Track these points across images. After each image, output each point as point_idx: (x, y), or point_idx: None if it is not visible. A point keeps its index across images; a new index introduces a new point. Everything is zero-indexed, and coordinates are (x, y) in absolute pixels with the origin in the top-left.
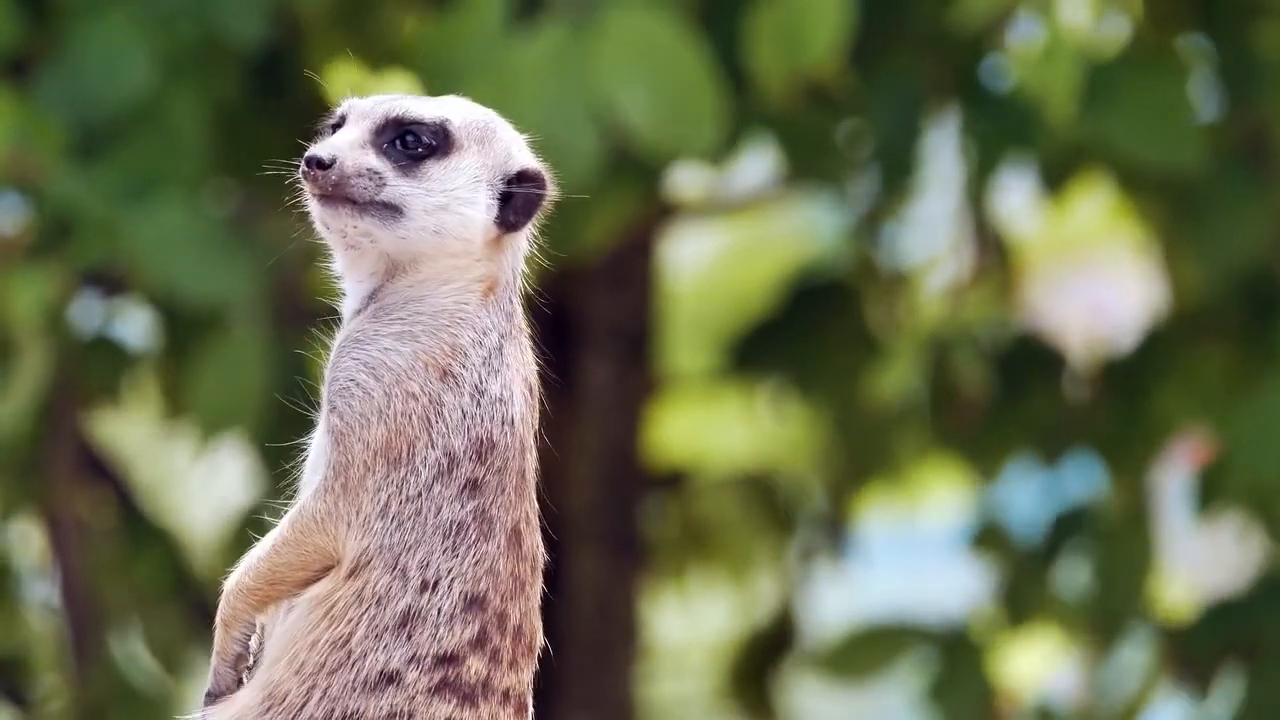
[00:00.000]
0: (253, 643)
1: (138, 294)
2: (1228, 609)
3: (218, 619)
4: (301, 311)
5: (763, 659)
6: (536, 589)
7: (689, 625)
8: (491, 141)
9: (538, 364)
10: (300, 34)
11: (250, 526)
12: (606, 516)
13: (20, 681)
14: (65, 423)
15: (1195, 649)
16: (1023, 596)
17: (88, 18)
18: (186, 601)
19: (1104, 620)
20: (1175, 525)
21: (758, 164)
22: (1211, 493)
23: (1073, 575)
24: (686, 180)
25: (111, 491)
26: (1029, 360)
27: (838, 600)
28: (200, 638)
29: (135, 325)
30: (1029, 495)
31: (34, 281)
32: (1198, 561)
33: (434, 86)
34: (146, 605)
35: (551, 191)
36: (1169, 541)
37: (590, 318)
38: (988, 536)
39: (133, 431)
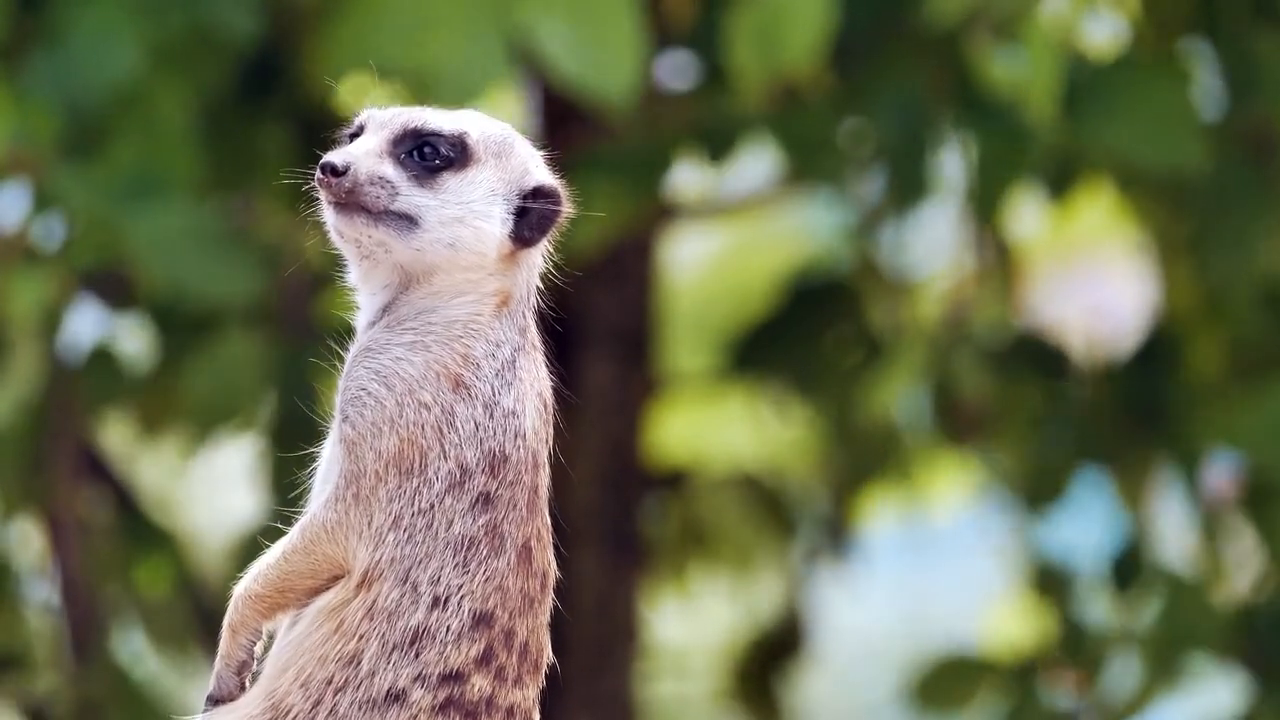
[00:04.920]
0: (257, 649)
1: (138, 297)
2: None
3: (225, 624)
4: (302, 311)
5: (767, 660)
6: (546, 606)
7: (690, 625)
8: (509, 156)
9: (551, 379)
10: (293, 29)
11: (258, 537)
12: (606, 516)
13: (20, 681)
14: (65, 423)
15: (1263, 639)
16: (1085, 641)
17: (77, 3)
18: (188, 602)
19: (1178, 656)
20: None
21: (757, 164)
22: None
23: (1139, 610)
24: (685, 180)
25: (111, 491)
26: (1031, 361)
27: (842, 600)
28: (201, 638)
29: (133, 338)
30: (1063, 517)
31: (34, 281)
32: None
33: (357, 39)
34: (147, 605)
35: (567, 208)
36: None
37: (590, 318)
38: (1044, 580)
39: (134, 431)
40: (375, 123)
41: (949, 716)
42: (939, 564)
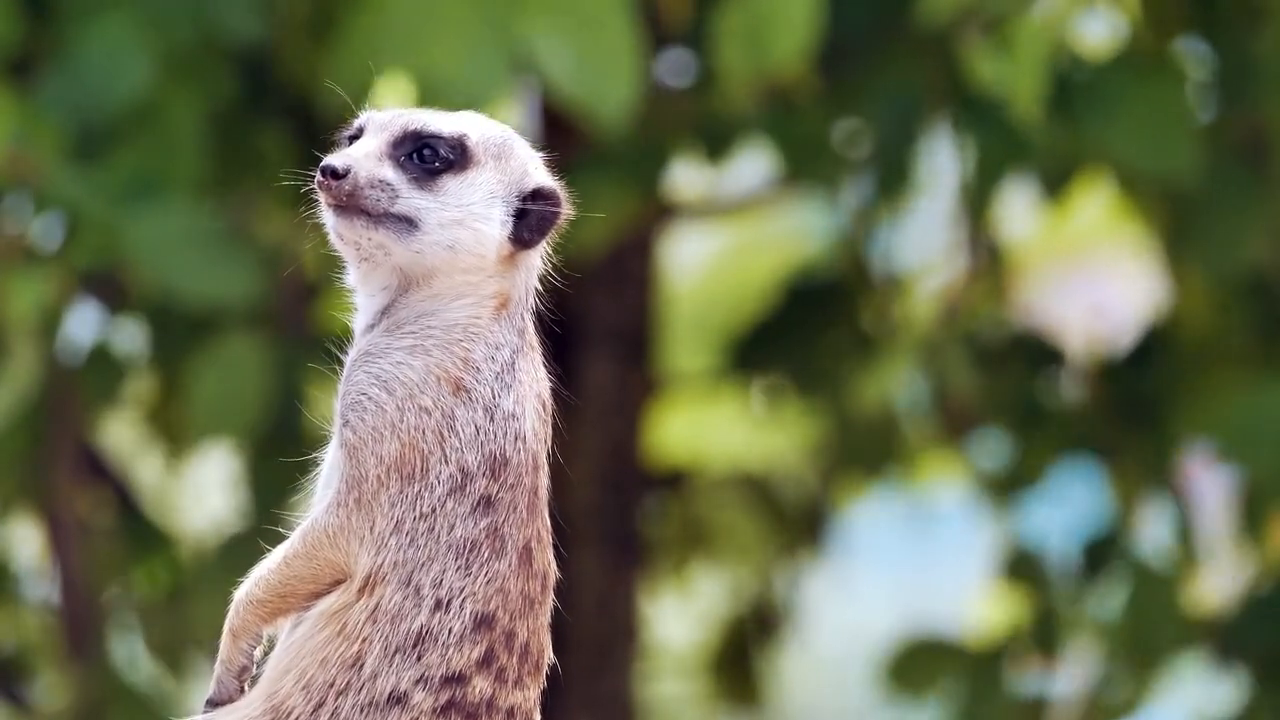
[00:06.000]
0: (257, 653)
1: (136, 299)
2: (1271, 602)
3: (225, 628)
4: (303, 314)
5: (745, 642)
6: (546, 607)
7: (689, 625)
8: (509, 158)
9: (550, 380)
10: (288, 33)
11: (245, 545)
12: (606, 516)
13: (20, 681)
14: (65, 423)
15: (1239, 642)
16: (1055, 628)
17: (87, 18)
18: (187, 603)
19: (1143, 647)
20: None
21: (755, 165)
22: (1255, 512)
23: (1108, 599)
24: (685, 180)
25: (111, 491)
26: (1027, 360)
27: (839, 598)
28: (199, 639)
29: (132, 337)
30: (1054, 510)
31: (33, 282)
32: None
33: (361, 49)
34: (146, 606)
35: (567, 210)
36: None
37: (590, 318)
38: (1019, 567)
39: (133, 432)
40: (375, 125)
41: (918, 699)
42: (936, 563)
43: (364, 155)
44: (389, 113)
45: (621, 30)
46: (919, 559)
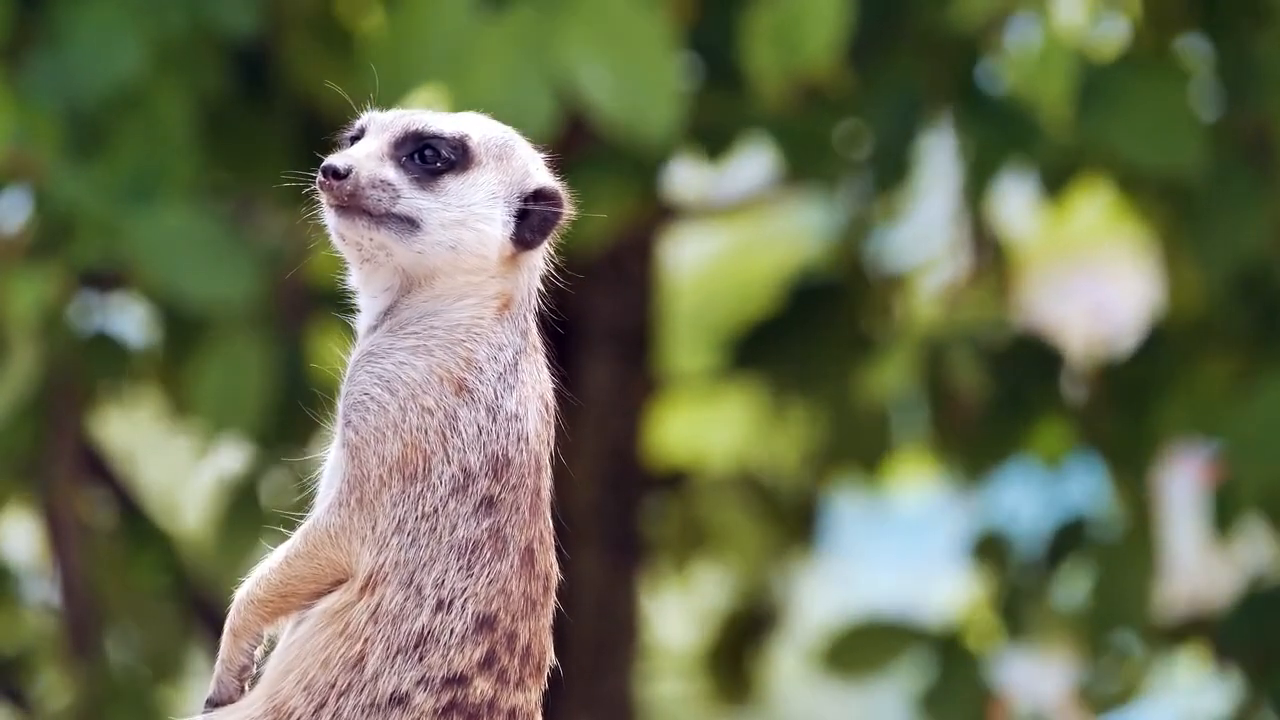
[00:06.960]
0: (257, 653)
1: (138, 292)
2: (1265, 601)
3: (226, 628)
4: (303, 311)
5: (740, 638)
6: (549, 609)
7: (688, 625)
8: (510, 159)
9: (554, 381)
10: (282, 30)
11: (239, 503)
12: (606, 516)
13: (20, 681)
14: (65, 423)
15: (1233, 639)
16: (1021, 609)
17: (78, 3)
18: (185, 602)
19: (1102, 632)
20: (1179, 528)
21: (756, 165)
22: (1229, 510)
23: (1073, 585)
24: (685, 180)
25: (111, 491)
26: (1027, 360)
27: (831, 592)
28: (198, 639)
29: (135, 323)
30: (1029, 500)
31: (34, 281)
32: (1200, 560)
33: (395, 72)
34: (145, 605)
35: (568, 210)
36: (1172, 544)
37: (590, 318)
38: (987, 546)
39: (133, 431)
40: (377, 125)
41: (862, 680)
42: (936, 562)
43: (365, 155)
44: (391, 113)
45: (663, 54)
46: (920, 558)
